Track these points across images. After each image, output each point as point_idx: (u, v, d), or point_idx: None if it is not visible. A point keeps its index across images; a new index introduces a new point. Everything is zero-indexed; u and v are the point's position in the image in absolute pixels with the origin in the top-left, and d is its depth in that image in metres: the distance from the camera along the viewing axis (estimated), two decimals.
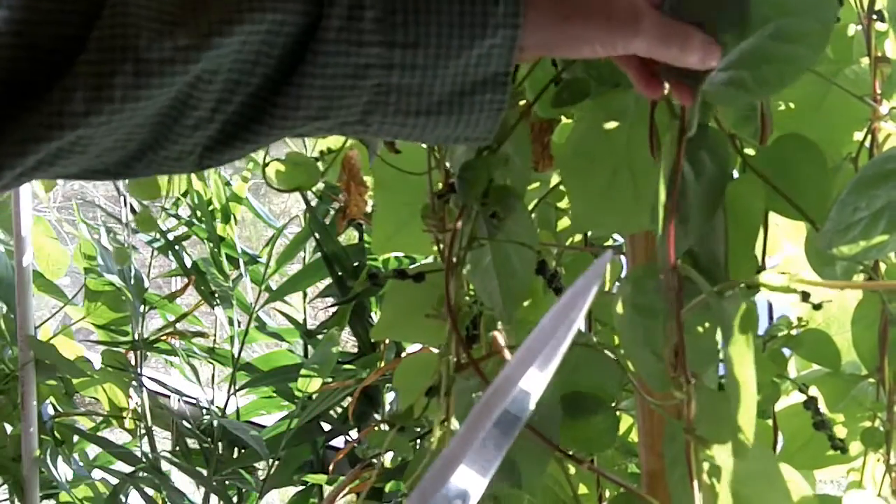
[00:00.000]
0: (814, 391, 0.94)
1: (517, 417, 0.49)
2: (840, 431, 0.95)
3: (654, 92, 0.67)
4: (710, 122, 0.78)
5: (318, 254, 1.98)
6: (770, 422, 0.99)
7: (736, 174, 0.83)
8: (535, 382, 0.49)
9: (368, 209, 1.30)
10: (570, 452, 0.90)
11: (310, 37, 0.55)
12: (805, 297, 0.83)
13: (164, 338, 2.19)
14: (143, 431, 2.16)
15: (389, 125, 0.59)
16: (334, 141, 1.31)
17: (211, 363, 2.21)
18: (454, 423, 0.87)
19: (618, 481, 0.84)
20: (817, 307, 0.86)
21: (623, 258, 1.02)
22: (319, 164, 1.30)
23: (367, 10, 0.56)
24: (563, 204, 1.08)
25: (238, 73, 0.55)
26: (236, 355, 2.11)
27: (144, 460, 2.08)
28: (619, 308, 0.74)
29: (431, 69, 0.57)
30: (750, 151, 0.85)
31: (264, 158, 1.26)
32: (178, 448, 2.11)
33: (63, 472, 2.07)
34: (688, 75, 0.66)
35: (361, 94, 0.57)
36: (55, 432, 2.13)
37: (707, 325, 0.74)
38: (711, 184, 0.72)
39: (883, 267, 0.88)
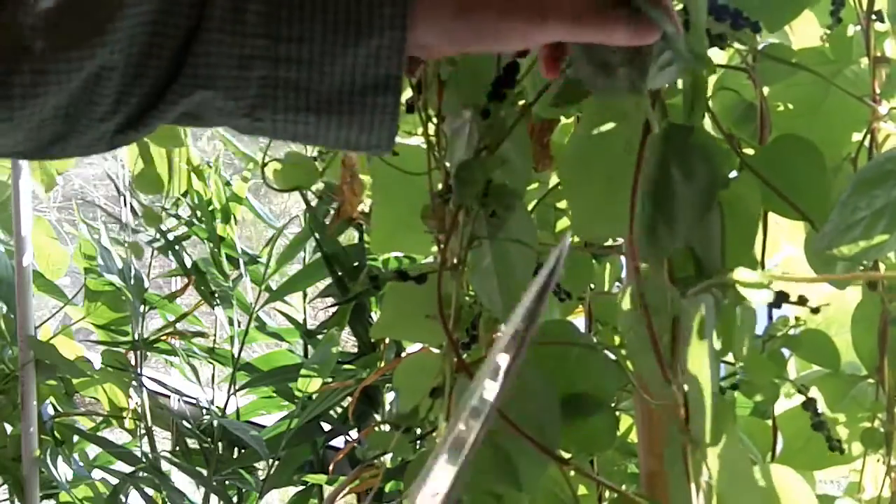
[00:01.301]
0: (813, 391, 0.94)
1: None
2: (840, 432, 0.95)
3: (550, 73, 0.65)
4: (704, 123, 0.79)
5: (318, 254, 1.98)
6: (770, 422, 0.99)
7: (735, 174, 0.83)
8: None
9: (363, 209, 1.30)
10: (570, 453, 0.90)
11: (196, 23, 0.57)
12: (802, 300, 0.83)
13: (164, 338, 2.19)
14: (143, 431, 2.16)
15: (281, 122, 0.60)
16: None
17: (211, 363, 2.21)
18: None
19: (612, 486, 0.84)
20: (815, 311, 0.86)
21: (623, 258, 1.02)
22: (318, 163, 1.30)
23: (251, 2, 0.57)
24: (563, 204, 1.08)
25: (134, 66, 0.57)
26: (236, 355, 2.11)
27: (144, 460, 2.08)
28: (626, 304, 0.74)
29: (317, 65, 0.58)
30: (749, 151, 0.86)
31: (263, 158, 1.26)
32: (178, 448, 2.11)
33: (63, 472, 2.07)
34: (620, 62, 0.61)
35: (248, 85, 0.58)
36: (55, 432, 2.14)
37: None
38: (702, 186, 0.72)
39: (882, 267, 0.89)
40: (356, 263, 1.92)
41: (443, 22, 0.59)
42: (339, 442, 2.03)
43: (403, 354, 1.61)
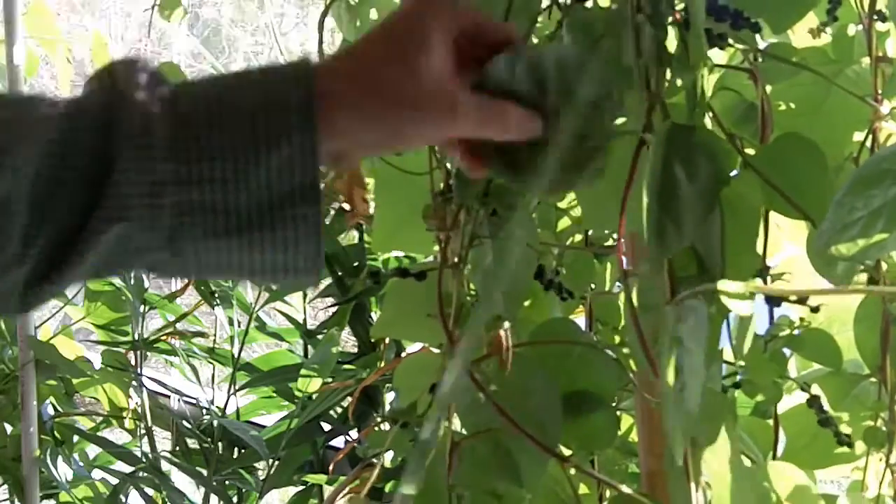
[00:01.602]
0: (815, 390, 0.94)
1: None
2: (843, 431, 0.95)
3: (475, 171, 0.67)
4: (706, 122, 0.79)
5: None
6: (771, 422, 0.99)
7: (736, 173, 0.83)
8: None
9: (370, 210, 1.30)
10: (570, 452, 0.90)
11: (103, 154, 0.55)
12: (802, 300, 0.83)
13: (164, 338, 2.19)
14: (143, 431, 2.16)
15: (203, 252, 0.58)
16: None
17: (211, 363, 2.21)
18: (455, 422, 0.87)
19: (612, 484, 0.84)
20: (815, 310, 0.86)
21: (623, 258, 1.02)
22: None
23: (157, 125, 0.56)
24: (564, 204, 1.08)
25: (42, 196, 0.55)
26: (236, 355, 2.11)
27: (144, 460, 2.08)
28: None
29: (231, 182, 0.56)
30: (751, 151, 0.86)
31: None
32: (178, 448, 2.11)
33: (63, 472, 2.07)
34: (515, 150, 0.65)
35: (162, 214, 0.56)
36: (55, 432, 2.13)
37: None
38: (706, 185, 0.72)
39: (884, 266, 0.88)
40: (356, 263, 1.92)
41: (355, 130, 0.59)
42: (339, 442, 2.03)
43: (403, 354, 1.61)
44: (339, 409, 2.00)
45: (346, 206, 1.40)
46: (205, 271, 0.59)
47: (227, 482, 2.04)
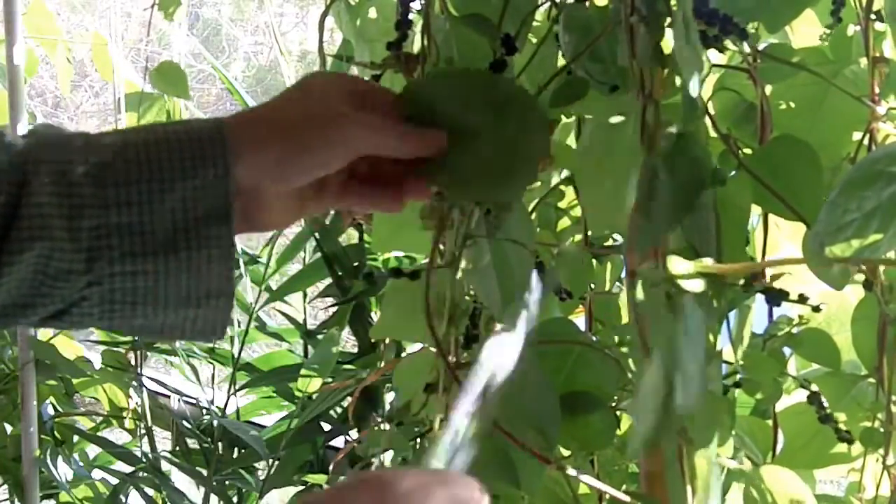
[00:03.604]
0: (814, 389, 0.94)
1: None
2: None
3: (418, 194, 0.75)
4: (699, 122, 0.78)
5: (318, 254, 1.98)
6: (770, 422, 0.99)
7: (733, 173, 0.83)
8: None
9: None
10: (570, 451, 0.90)
11: (22, 179, 0.58)
12: (802, 298, 0.84)
13: None
14: (143, 431, 2.16)
15: (119, 277, 0.60)
16: None
17: (211, 363, 2.21)
18: None
19: (606, 489, 0.83)
20: (816, 309, 0.86)
21: (623, 258, 1.02)
22: None
23: (75, 155, 0.59)
24: (564, 204, 1.08)
25: None
26: (236, 355, 2.11)
27: (144, 460, 2.08)
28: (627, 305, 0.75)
29: (147, 204, 0.59)
30: (750, 152, 0.86)
31: None
32: (178, 448, 2.11)
33: (63, 472, 2.07)
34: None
35: (81, 237, 0.59)
36: (55, 432, 2.14)
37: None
38: (682, 185, 0.72)
39: (881, 267, 0.88)
40: (356, 263, 1.92)
41: (260, 163, 0.63)
42: (339, 442, 2.03)
43: (403, 354, 1.61)
44: (339, 409, 2.00)
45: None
46: (120, 307, 0.61)
47: (227, 482, 2.04)
